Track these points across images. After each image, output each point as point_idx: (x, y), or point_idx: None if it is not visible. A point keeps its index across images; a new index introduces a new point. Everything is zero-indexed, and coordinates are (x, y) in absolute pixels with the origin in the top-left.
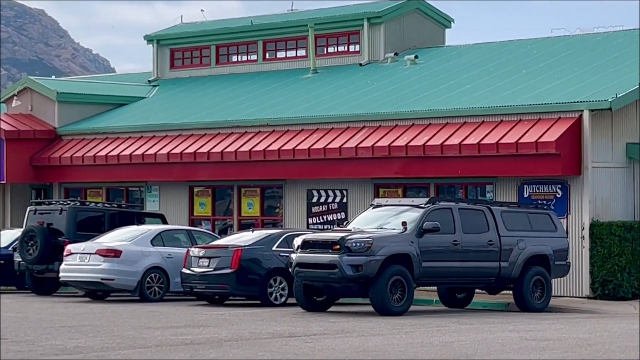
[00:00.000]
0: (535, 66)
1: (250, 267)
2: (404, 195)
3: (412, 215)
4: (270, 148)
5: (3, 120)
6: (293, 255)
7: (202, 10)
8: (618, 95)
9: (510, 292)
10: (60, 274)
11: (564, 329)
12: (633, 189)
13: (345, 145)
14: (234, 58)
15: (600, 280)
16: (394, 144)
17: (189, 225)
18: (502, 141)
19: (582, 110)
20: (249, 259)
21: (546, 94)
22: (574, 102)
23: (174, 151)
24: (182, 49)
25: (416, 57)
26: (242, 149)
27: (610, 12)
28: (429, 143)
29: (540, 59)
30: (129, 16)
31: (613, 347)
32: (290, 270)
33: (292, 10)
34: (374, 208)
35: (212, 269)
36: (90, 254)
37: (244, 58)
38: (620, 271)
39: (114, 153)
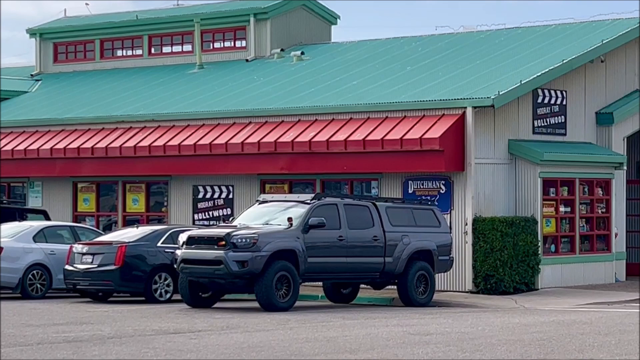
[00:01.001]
0: (420, 63)
1: (134, 264)
2: (290, 191)
3: (297, 211)
4: (155, 144)
5: None
6: (178, 252)
7: (87, 4)
8: (500, 93)
9: (395, 287)
10: None
11: (447, 323)
12: (515, 184)
13: (231, 141)
14: (119, 53)
15: (482, 275)
16: (280, 140)
17: (73, 222)
18: (387, 137)
19: (465, 107)
20: (134, 255)
21: (430, 91)
22: (458, 99)
23: (57, 146)
24: (65, 43)
25: (302, 53)
26: (126, 144)
27: (492, 11)
28: (314, 139)
29: (425, 56)
30: (10, 8)
31: (494, 340)
32: (175, 266)
33: (178, 4)
34: (259, 204)
35: (95, 266)
36: None
37: (129, 53)
38: (502, 266)
39: None
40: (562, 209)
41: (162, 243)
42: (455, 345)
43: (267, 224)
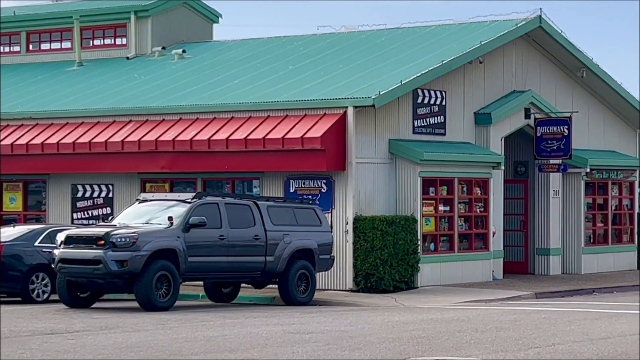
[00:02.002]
0: (302, 63)
1: (11, 264)
2: (171, 190)
3: (178, 210)
4: (33, 142)
5: None
6: (56, 251)
7: None
8: (381, 93)
9: (276, 286)
10: None
11: (327, 321)
12: (395, 184)
13: (111, 140)
14: None
15: (363, 273)
16: (160, 138)
17: None
18: (268, 136)
19: (346, 107)
20: (10, 255)
21: (312, 90)
22: (339, 98)
23: None
24: None
25: (184, 51)
26: (4, 142)
27: (373, 11)
28: (196, 138)
29: (306, 55)
30: None
31: (373, 339)
32: (53, 266)
33: (57, 1)
34: (140, 203)
35: None
36: None
37: (7, 49)
38: (382, 265)
39: None
40: (441, 208)
41: (39, 242)
42: (335, 344)
43: (148, 223)
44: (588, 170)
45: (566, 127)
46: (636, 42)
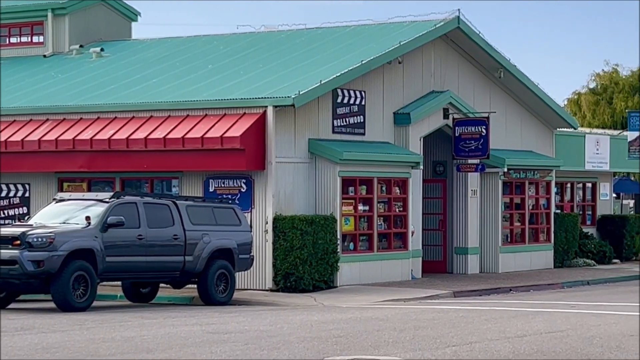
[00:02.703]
0: (222, 62)
1: None
2: (89, 190)
3: (96, 210)
4: None
5: None
6: None
7: None
8: (300, 92)
9: (195, 286)
10: None
11: (246, 321)
12: (315, 183)
13: (27, 138)
14: None
15: (282, 273)
16: (78, 137)
17: None
18: (187, 136)
19: (266, 107)
20: None
21: (232, 90)
22: (259, 98)
23: None
24: None
25: (102, 49)
26: None
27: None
28: (114, 137)
29: (226, 54)
30: None
31: (292, 338)
32: None
33: None
34: (57, 202)
35: None
36: None
37: None
38: (302, 264)
39: None
40: (360, 207)
41: None
42: (253, 344)
43: (65, 223)
44: (505, 170)
45: (484, 127)
46: (554, 43)
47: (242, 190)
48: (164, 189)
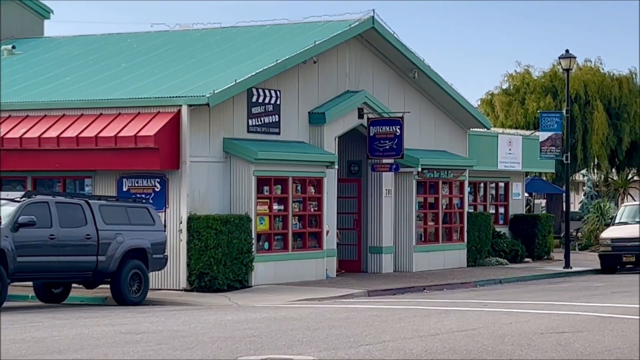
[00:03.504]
0: (136, 60)
1: None
2: (0, 189)
3: (7, 210)
4: None
5: None
6: None
7: None
8: (215, 91)
9: (108, 286)
10: None
11: (160, 321)
12: (230, 183)
13: None
14: None
15: (197, 272)
16: None
17: None
18: (101, 135)
19: (180, 106)
20: None
21: (146, 88)
22: (173, 97)
23: None
24: None
25: (14, 47)
26: None
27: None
28: (25, 135)
29: (140, 53)
30: None
31: (206, 338)
32: None
33: None
34: None
35: None
36: None
37: None
38: (217, 264)
39: None
40: (275, 207)
41: None
42: (166, 344)
43: None
44: (419, 169)
45: (398, 127)
46: (469, 44)
47: (156, 189)
48: (76, 188)
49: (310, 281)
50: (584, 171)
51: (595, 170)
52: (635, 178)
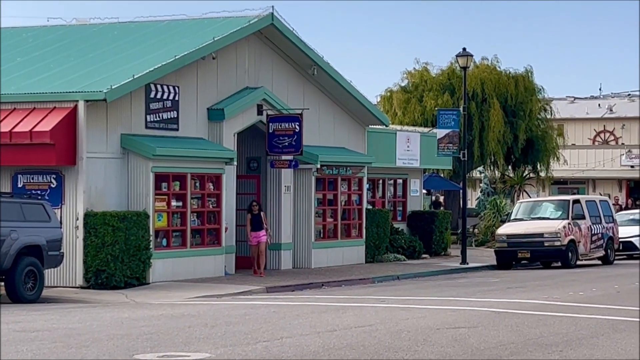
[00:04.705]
0: (31, 55)
1: None
2: None
3: None
4: None
5: None
6: None
7: None
8: (113, 87)
9: (2, 283)
10: None
11: (55, 319)
12: (127, 179)
13: None
14: None
15: (94, 270)
16: None
17: None
18: None
19: (77, 101)
20: None
21: (42, 83)
22: (69, 92)
23: None
24: None
25: None
26: None
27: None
28: None
29: (36, 47)
30: None
31: (102, 335)
32: None
33: None
34: None
35: None
36: None
37: None
38: (114, 260)
39: None
40: (174, 203)
41: None
42: (61, 342)
43: None
44: (319, 166)
45: (297, 123)
46: (369, 41)
47: (52, 185)
48: None
49: (209, 278)
50: (480, 168)
51: (492, 167)
52: (531, 175)
